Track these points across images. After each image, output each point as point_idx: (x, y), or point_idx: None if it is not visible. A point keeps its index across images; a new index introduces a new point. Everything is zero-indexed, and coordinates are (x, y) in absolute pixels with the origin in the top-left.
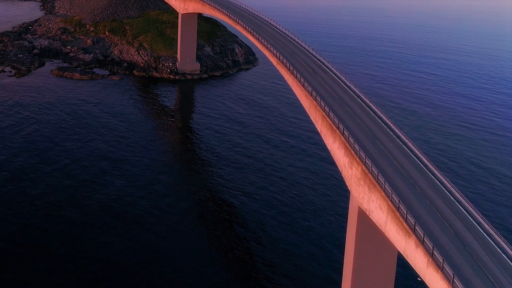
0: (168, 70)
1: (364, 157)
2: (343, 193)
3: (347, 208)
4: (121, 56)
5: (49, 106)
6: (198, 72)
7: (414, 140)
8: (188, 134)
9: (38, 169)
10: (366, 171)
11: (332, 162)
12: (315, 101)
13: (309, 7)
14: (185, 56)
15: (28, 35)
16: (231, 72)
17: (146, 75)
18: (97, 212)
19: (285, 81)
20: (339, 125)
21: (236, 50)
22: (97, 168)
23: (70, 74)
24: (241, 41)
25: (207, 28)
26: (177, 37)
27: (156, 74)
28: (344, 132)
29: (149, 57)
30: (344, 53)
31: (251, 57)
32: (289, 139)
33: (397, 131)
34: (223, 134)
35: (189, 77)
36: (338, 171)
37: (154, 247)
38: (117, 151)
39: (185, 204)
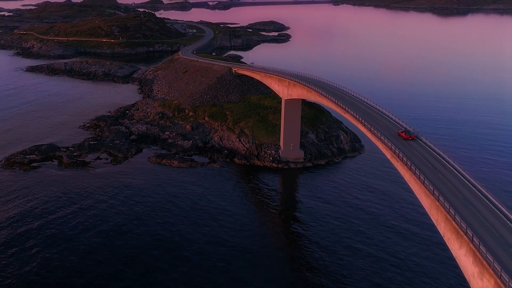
0: (271, 158)
1: (499, 270)
2: None
3: None
4: (221, 143)
5: (148, 195)
6: (302, 160)
7: None
8: (296, 222)
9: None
10: (502, 286)
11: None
12: (437, 201)
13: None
14: (288, 143)
15: (125, 119)
16: (336, 160)
17: (248, 163)
18: None
19: (396, 170)
20: (467, 231)
21: (341, 137)
22: (215, 256)
23: (169, 161)
24: (346, 127)
25: (311, 113)
26: (279, 123)
27: (258, 162)
28: (474, 239)
29: (251, 144)
30: (466, 143)
31: (356, 144)
32: (404, 236)
33: None
34: (331, 222)
35: (292, 165)
36: (465, 278)
37: None
38: (228, 238)
39: None
